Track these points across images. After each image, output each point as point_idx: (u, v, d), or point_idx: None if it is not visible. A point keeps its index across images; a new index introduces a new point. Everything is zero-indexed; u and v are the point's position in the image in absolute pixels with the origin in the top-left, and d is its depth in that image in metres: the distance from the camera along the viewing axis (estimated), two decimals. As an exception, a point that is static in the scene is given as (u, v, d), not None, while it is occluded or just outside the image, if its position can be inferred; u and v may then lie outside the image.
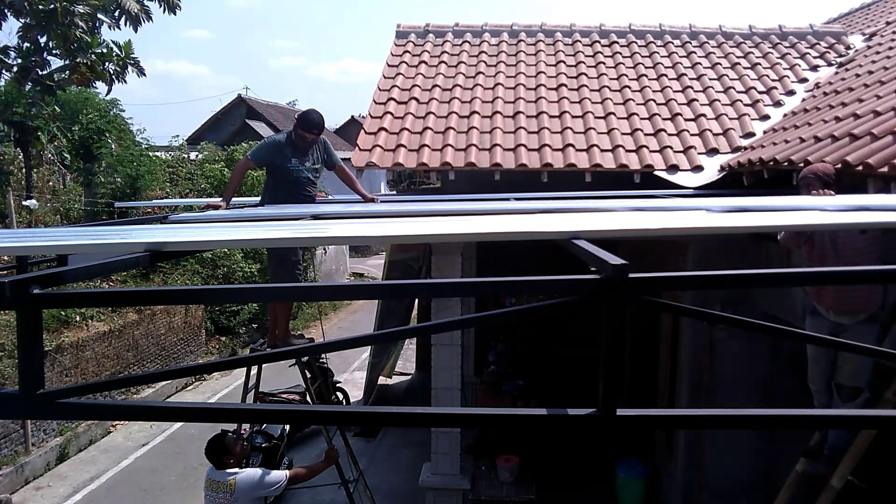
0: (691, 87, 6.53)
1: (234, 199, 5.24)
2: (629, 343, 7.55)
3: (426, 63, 7.07)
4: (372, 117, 6.17)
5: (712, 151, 5.62)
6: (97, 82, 11.49)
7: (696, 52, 7.24)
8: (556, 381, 7.53)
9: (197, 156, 16.72)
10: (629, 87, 6.52)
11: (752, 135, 5.75)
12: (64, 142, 13.31)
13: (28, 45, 10.55)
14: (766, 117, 6.01)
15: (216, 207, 4.81)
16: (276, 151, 4.95)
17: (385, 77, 6.82)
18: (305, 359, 5.48)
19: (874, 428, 3.05)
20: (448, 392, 6.24)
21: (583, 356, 5.65)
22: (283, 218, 3.75)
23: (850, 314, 3.54)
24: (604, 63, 7.01)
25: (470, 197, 4.47)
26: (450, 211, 3.67)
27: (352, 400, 9.97)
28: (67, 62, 10.86)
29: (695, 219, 2.46)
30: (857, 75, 5.64)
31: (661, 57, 7.16)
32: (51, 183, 12.99)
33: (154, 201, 11.63)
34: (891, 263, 3.44)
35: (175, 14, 11.36)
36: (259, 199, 5.28)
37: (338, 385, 9.66)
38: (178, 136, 17.33)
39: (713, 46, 7.36)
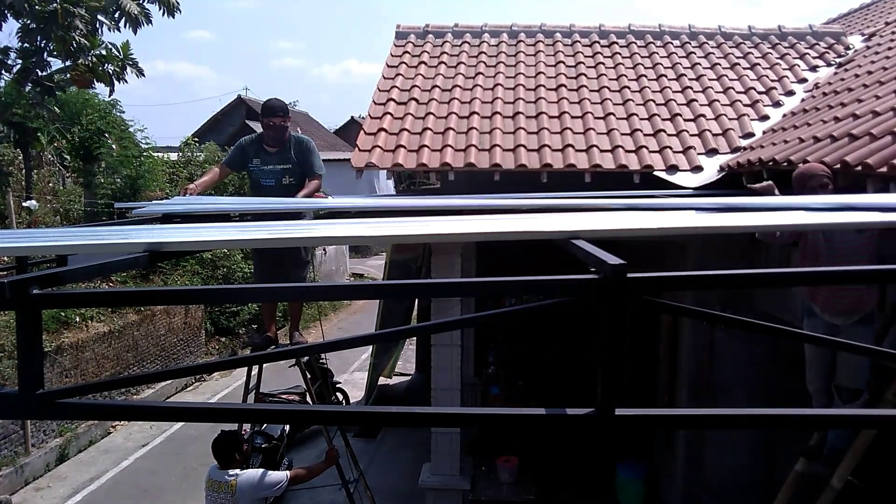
0: (691, 88, 6.53)
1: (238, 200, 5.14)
2: (628, 343, 7.55)
3: (426, 64, 7.07)
4: (371, 118, 6.17)
5: (712, 152, 5.62)
6: (97, 83, 11.49)
7: (695, 53, 7.24)
8: (556, 381, 7.53)
9: (198, 156, 16.76)
10: (628, 88, 6.52)
11: (751, 135, 5.75)
12: (64, 143, 13.31)
13: (28, 46, 10.54)
14: (765, 117, 6.01)
15: (188, 191, 4.47)
16: (241, 152, 4.86)
17: (384, 78, 6.82)
18: (306, 359, 5.48)
19: (874, 428, 3.05)
20: (448, 392, 6.24)
21: (583, 357, 5.66)
22: (282, 217, 3.75)
23: (844, 315, 3.54)
24: (603, 63, 7.01)
25: (469, 197, 4.46)
26: (449, 208, 3.67)
27: (352, 400, 9.97)
28: (67, 63, 10.85)
29: (692, 219, 2.46)
30: (857, 76, 5.65)
31: (661, 57, 7.16)
32: (51, 184, 12.99)
33: (154, 202, 11.61)
34: (888, 263, 3.46)
35: (174, 17, 11.35)
36: None
37: (338, 385, 9.66)
38: (187, 136, 17.41)
39: (712, 47, 7.36)
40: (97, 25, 10.81)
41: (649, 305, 1.55)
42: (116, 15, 10.62)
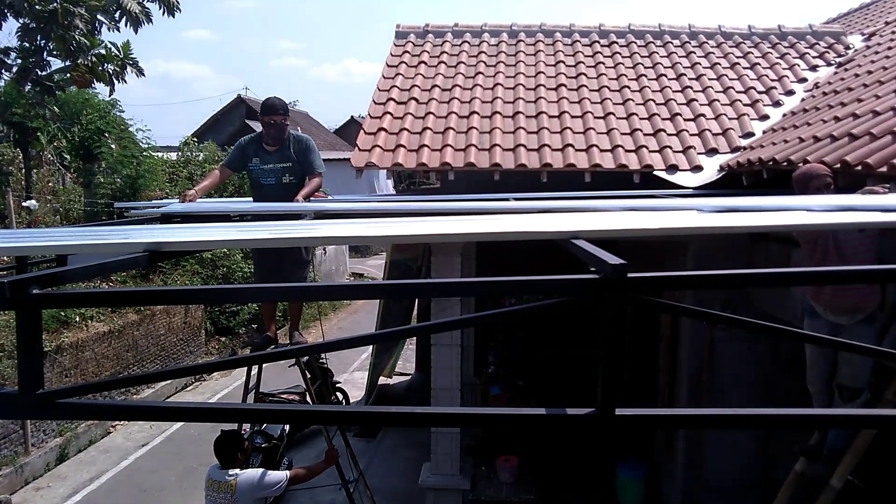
0: (690, 87, 6.53)
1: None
2: (628, 343, 7.55)
3: (425, 63, 7.07)
4: (371, 117, 6.17)
5: (711, 151, 5.62)
6: (97, 83, 11.48)
7: (695, 52, 7.24)
8: (557, 381, 7.53)
9: (197, 156, 16.75)
10: (628, 87, 6.52)
11: (751, 135, 5.75)
12: (64, 142, 13.31)
13: (27, 45, 10.53)
14: (765, 117, 6.01)
15: (187, 197, 4.35)
16: (240, 152, 4.85)
17: (384, 77, 6.82)
18: (305, 359, 5.48)
19: (874, 428, 3.06)
20: (448, 392, 6.24)
21: (583, 357, 5.65)
22: (283, 216, 3.75)
23: (848, 314, 3.54)
24: (603, 63, 7.01)
25: (469, 197, 4.47)
26: (449, 210, 3.67)
27: (352, 400, 9.97)
28: (67, 63, 10.85)
29: (692, 219, 2.46)
30: (857, 75, 5.65)
31: (661, 57, 7.16)
32: (51, 184, 12.98)
33: (154, 202, 11.61)
34: (888, 262, 3.46)
35: (174, 16, 11.32)
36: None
37: (338, 385, 9.66)
38: (187, 136, 17.40)
39: (712, 46, 7.36)
40: (97, 25, 10.79)
41: (649, 305, 1.55)
42: (117, 14, 10.61)
